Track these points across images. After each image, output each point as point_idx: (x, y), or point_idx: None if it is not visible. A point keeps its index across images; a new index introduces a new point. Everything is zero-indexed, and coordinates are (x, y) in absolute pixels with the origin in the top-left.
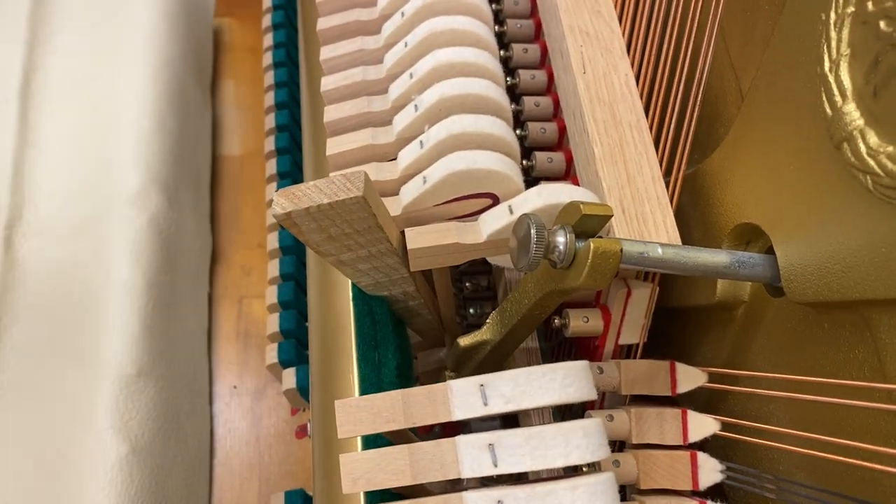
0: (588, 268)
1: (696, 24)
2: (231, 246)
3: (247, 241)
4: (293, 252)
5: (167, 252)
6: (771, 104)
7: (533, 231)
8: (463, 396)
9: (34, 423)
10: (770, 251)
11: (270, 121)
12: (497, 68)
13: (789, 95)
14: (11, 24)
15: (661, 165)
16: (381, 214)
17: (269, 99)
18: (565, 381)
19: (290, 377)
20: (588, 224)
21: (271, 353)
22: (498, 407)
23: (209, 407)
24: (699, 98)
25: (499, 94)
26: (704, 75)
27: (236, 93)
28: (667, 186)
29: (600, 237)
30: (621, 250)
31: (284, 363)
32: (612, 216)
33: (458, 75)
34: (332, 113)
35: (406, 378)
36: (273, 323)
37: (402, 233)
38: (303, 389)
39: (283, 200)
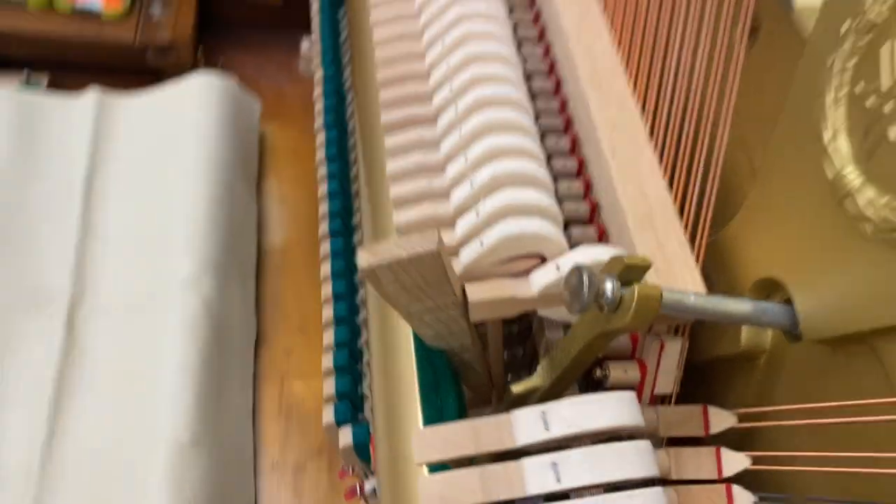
0: (633, 309)
1: (711, 113)
2: (273, 329)
3: (288, 326)
4: (346, 322)
5: (217, 332)
6: (782, 173)
7: (585, 278)
8: (527, 423)
9: (95, 488)
10: (787, 303)
11: (324, 207)
12: (539, 152)
13: (797, 165)
14: (77, 127)
15: (685, 233)
16: (448, 268)
17: (323, 188)
18: (619, 404)
19: (346, 434)
20: (631, 273)
21: (328, 414)
22: (560, 430)
23: (254, 480)
24: (717, 173)
25: (542, 173)
26: (721, 155)
27: (279, 190)
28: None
29: None
30: (661, 294)
31: (340, 422)
32: (650, 266)
33: (507, 157)
34: (397, 189)
35: None
36: (329, 386)
37: (463, 288)
38: (359, 446)
39: (368, 255)
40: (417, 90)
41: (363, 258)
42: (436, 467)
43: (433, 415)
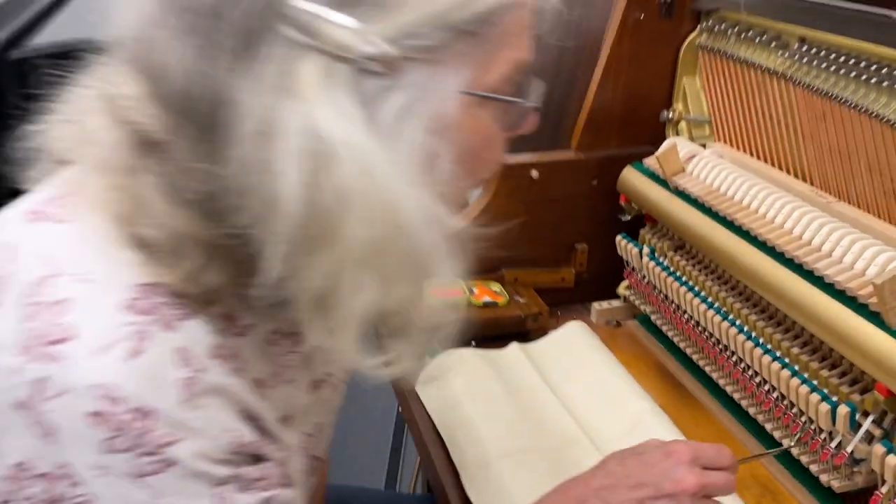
0: None
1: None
2: None
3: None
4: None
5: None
6: None
7: None
8: None
9: None
10: None
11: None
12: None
13: None
14: (520, 362)
15: None
16: None
17: (709, 317)
18: None
19: (844, 408)
20: None
21: (824, 406)
22: None
23: None
24: None
25: None
26: None
27: None
28: None
29: None
30: None
31: (834, 408)
32: None
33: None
34: (819, 266)
35: None
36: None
37: None
38: (851, 416)
39: (881, 279)
40: (800, 242)
41: (879, 279)
42: None
43: None
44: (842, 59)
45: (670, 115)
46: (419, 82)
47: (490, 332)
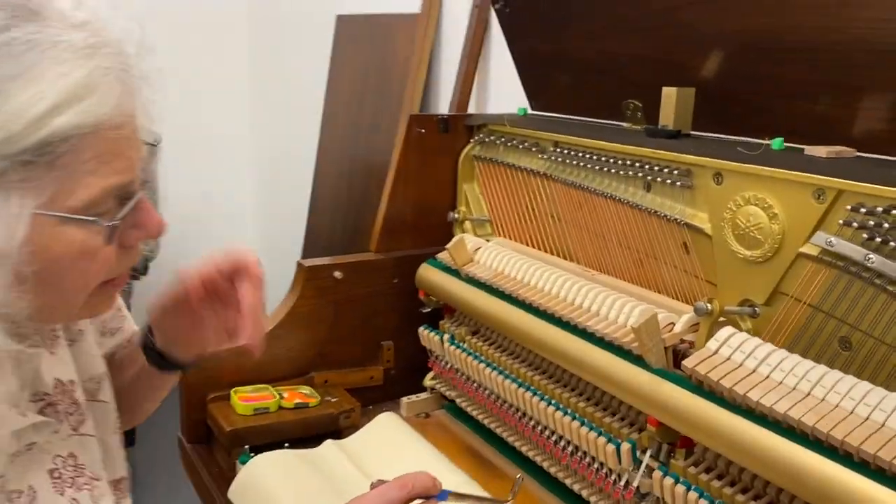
0: (714, 309)
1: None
2: None
3: None
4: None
5: None
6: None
7: (702, 307)
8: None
9: None
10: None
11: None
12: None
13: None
14: (341, 461)
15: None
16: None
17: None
18: None
19: (626, 448)
20: (711, 304)
21: (610, 448)
22: None
23: None
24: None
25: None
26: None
27: None
28: None
29: None
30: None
31: (614, 443)
32: (712, 301)
33: (638, 305)
34: (592, 323)
35: None
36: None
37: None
38: (633, 452)
39: (637, 323)
40: (572, 306)
41: (636, 324)
42: None
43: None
44: (588, 156)
45: (456, 217)
46: None
47: (303, 434)
